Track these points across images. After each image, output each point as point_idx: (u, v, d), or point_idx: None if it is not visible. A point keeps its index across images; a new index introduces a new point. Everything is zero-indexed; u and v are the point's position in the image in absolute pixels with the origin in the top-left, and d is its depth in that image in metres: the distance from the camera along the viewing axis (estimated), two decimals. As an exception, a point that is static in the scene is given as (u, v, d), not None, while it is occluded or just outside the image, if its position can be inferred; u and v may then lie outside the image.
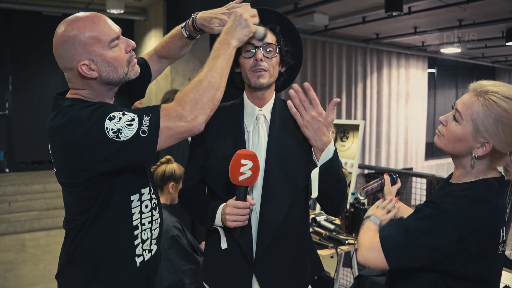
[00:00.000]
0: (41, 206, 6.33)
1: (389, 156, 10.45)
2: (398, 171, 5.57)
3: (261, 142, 1.60)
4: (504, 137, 1.23)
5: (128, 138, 1.23)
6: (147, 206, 1.50)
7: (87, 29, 1.30)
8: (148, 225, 1.50)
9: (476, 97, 1.25)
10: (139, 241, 1.46)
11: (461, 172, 1.35)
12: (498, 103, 1.22)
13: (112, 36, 1.33)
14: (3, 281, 4.23)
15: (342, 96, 9.43)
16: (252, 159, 1.44)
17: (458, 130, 1.28)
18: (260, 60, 1.54)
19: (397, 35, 8.74)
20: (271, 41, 1.57)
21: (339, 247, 2.74)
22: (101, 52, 1.31)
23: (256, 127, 1.62)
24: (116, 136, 1.22)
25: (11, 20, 7.25)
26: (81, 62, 1.30)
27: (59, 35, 1.31)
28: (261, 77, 1.56)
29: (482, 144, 1.26)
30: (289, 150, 1.59)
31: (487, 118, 1.23)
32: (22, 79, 7.40)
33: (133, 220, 1.44)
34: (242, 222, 1.50)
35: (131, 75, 1.40)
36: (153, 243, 1.55)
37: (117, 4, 6.46)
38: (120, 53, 1.35)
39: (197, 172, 1.69)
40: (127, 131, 1.23)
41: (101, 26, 1.32)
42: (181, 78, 6.69)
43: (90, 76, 1.32)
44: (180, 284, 2.59)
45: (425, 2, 6.10)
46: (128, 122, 1.24)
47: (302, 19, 6.85)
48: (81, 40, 1.29)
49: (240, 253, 1.57)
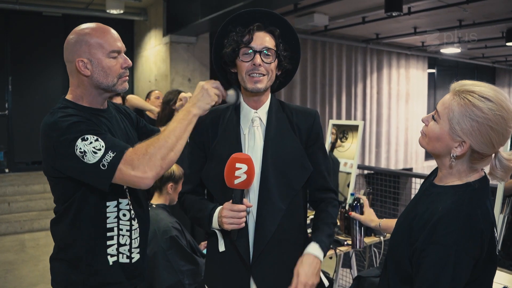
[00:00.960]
0: (41, 206, 6.33)
1: (389, 156, 10.45)
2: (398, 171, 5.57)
3: (257, 145, 1.60)
4: (480, 136, 1.22)
5: (90, 163, 1.39)
6: (125, 215, 1.62)
7: (96, 36, 1.54)
8: (126, 232, 1.63)
9: (454, 96, 1.25)
10: (113, 242, 1.60)
11: (444, 174, 1.34)
12: (473, 103, 1.21)
13: (113, 48, 1.55)
14: (3, 282, 4.23)
15: (342, 96, 9.43)
16: (246, 162, 1.44)
17: (436, 129, 1.29)
18: (258, 65, 1.54)
19: (397, 35, 8.74)
20: (270, 46, 1.56)
21: (338, 248, 2.74)
22: (100, 57, 1.53)
23: (251, 130, 1.62)
24: (82, 156, 1.39)
25: (11, 20, 7.25)
26: (80, 57, 1.52)
27: (77, 31, 1.55)
28: (258, 82, 1.55)
29: (460, 144, 1.25)
30: (285, 152, 1.59)
31: (462, 118, 1.22)
32: (22, 80, 7.40)
33: (107, 222, 1.58)
34: (239, 225, 1.49)
35: (119, 87, 1.59)
36: (135, 251, 1.67)
37: (117, 4, 6.46)
38: (116, 65, 1.56)
39: (196, 174, 1.69)
40: (91, 156, 1.39)
41: (108, 37, 1.55)
42: (181, 78, 6.68)
43: (83, 73, 1.53)
44: (179, 284, 2.59)
45: (425, 2, 6.10)
46: (95, 149, 1.40)
47: (302, 19, 6.85)
48: (89, 41, 1.53)
49: (237, 255, 1.57)
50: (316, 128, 1.67)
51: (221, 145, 1.61)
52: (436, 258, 1.20)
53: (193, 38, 6.73)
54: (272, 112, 1.64)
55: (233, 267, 1.60)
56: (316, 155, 1.67)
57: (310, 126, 1.66)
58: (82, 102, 1.57)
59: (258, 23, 1.58)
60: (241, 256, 1.56)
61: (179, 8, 6.38)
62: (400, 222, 1.42)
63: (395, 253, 1.37)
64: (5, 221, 5.87)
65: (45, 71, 7.53)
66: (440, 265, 1.19)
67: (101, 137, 1.42)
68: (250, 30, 1.56)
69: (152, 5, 7.15)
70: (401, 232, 1.36)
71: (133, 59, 8.00)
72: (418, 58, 11.05)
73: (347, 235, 2.93)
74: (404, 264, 1.32)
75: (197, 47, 6.80)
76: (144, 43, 7.61)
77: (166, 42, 6.71)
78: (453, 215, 1.22)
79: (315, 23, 6.83)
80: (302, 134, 1.65)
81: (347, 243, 2.79)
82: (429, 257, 1.21)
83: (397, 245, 1.37)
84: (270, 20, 1.60)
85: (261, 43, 1.55)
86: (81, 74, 1.54)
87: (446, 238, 1.19)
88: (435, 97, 12.20)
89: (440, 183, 1.36)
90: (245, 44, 1.55)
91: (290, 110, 1.67)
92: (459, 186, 1.29)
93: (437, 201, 1.29)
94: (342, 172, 3.77)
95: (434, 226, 1.23)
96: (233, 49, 1.57)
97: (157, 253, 2.60)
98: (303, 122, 1.66)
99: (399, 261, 1.35)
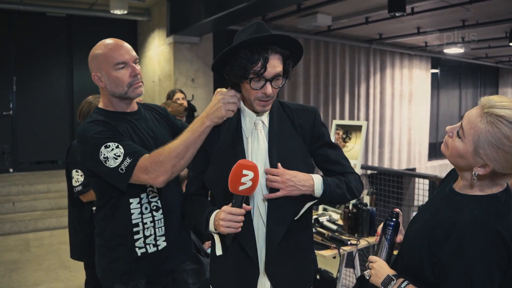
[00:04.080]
0: (45, 206, 6.35)
1: (392, 156, 10.44)
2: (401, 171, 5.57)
3: (261, 147, 1.60)
4: (504, 162, 1.19)
5: (111, 167, 1.61)
6: (147, 208, 1.79)
7: (104, 51, 1.72)
8: (150, 224, 1.79)
9: (481, 117, 1.20)
10: (140, 236, 1.78)
11: (465, 183, 1.32)
12: (501, 129, 1.17)
13: (118, 60, 1.71)
14: (8, 281, 4.26)
15: (345, 96, 9.43)
16: (253, 170, 1.44)
17: (460, 147, 1.25)
18: (269, 93, 1.51)
19: (400, 35, 8.74)
20: (279, 71, 1.51)
21: (341, 247, 2.74)
22: (107, 70, 1.72)
23: (254, 133, 1.61)
24: (105, 161, 1.62)
25: (15, 21, 7.27)
26: (94, 73, 1.75)
27: (94, 47, 1.75)
28: (267, 105, 1.56)
29: (482, 165, 1.22)
30: (289, 152, 1.59)
31: (488, 144, 1.18)
32: (26, 80, 7.43)
33: (132, 219, 1.76)
34: (236, 229, 1.49)
35: (132, 94, 1.76)
36: (160, 239, 1.82)
37: (121, 4, 6.48)
38: (123, 75, 1.72)
39: (198, 177, 1.69)
40: (112, 161, 1.62)
41: (113, 51, 1.71)
42: (184, 78, 6.70)
43: (99, 85, 1.76)
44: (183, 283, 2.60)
45: (428, 3, 6.10)
46: (115, 155, 1.62)
47: (305, 19, 6.85)
48: (98, 57, 1.73)
49: (245, 257, 1.58)
50: (318, 124, 1.67)
51: (224, 148, 1.61)
52: (464, 272, 1.18)
53: (196, 38, 6.74)
54: (273, 114, 1.63)
55: (241, 269, 1.60)
56: (324, 149, 1.67)
57: (312, 123, 1.66)
58: (110, 107, 1.79)
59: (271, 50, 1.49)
60: (249, 258, 1.57)
61: (183, 9, 6.39)
62: (417, 229, 1.39)
63: (412, 262, 1.35)
64: (9, 220, 5.90)
65: (49, 71, 7.56)
66: (469, 280, 1.17)
67: (121, 143, 1.64)
68: (264, 59, 1.48)
69: (156, 5, 7.17)
70: (420, 240, 1.33)
71: (136, 59, 8.03)
72: (421, 58, 11.04)
73: (350, 235, 2.94)
74: (422, 273, 1.30)
75: (200, 47, 6.81)
76: (148, 44, 7.63)
77: (170, 43, 6.73)
78: (480, 227, 1.19)
79: (318, 23, 6.83)
80: (305, 132, 1.65)
81: (350, 242, 2.80)
82: (457, 271, 1.19)
83: (414, 254, 1.34)
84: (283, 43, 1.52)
85: (272, 71, 1.49)
86: (100, 86, 1.76)
87: (474, 252, 1.17)
88: (438, 97, 12.19)
89: (461, 190, 1.33)
90: (257, 76, 1.48)
91: (289, 110, 1.67)
92: (483, 197, 1.26)
93: (459, 211, 1.27)
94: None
95: (459, 238, 1.20)
96: (242, 75, 1.51)
97: (161, 252, 2.61)
98: (305, 120, 1.66)
99: (416, 269, 1.33)
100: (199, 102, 6.48)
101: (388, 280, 1.34)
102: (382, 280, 1.36)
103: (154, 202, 1.82)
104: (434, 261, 1.26)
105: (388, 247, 1.47)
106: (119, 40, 1.77)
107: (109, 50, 1.72)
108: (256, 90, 1.51)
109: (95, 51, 1.75)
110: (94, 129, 1.67)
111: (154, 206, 1.82)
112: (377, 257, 1.45)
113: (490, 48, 9.94)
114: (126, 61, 1.73)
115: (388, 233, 1.47)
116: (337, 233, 2.92)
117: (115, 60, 1.71)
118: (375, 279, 1.38)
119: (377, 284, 1.38)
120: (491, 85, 13.80)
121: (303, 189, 1.53)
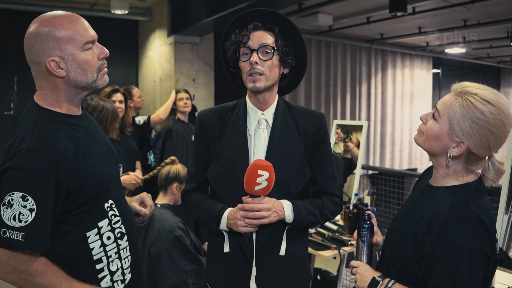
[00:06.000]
0: (46, 206, 6.36)
1: (393, 156, 10.43)
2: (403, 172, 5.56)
3: (261, 147, 1.60)
4: (479, 139, 1.24)
5: (1, 218, 1.21)
6: (109, 237, 1.43)
7: (63, 27, 1.29)
8: (115, 256, 1.44)
9: (455, 97, 1.28)
10: (105, 273, 1.42)
11: (441, 174, 1.35)
12: (475, 105, 1.23)
13: (87, 38, 1.32)
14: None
15: (347, 97, 9.41)
16: (268, 170, 1.44)
17: (436, 128, 1.30)
18: (255, 63, 1.53)
19: (402, 35, 8.72)
20: (268, 42, 1.55)
21: (342, 248, 2.74)
22: (73, 52, 1.30)
23: (258, 131, 1.61)
24: (4, 204, 1.21)
25: (16, 21, 7.27)
26: (50, 57, 1.28)
27: (34, 28, 1.30)
28: (256, 81, 1.55)
29: (457, 144, 1.27)
30: (287, 156, 1.60)
31: (463, 119, 1.24)
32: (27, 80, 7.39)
33: (93, 255, 1.39)
34: (254, 228, 1.50)
35: (100, 83, 1.39)
36: (127, 272, 1.49)
37: (122, 4, 6.48)
38: (93, 57, 1.35)
39: (200, 172, 1.69)
40: (9, 215, 1.21)
41: (78, 26, 1.31)
42: (185, 78, 6.69)
43: (57, 74, 1.30)
44: (183, 284, 2.60)
45: (429, 3, 6.08)
46: (20, 215, 1.21)
47: (306, 19, 6.85)
48: (56, 36, 1.28)
49: (240, 255, 1.58)
50: (322, 132, 1.67)
51: (227, 145, 1.62)
52: (450, 259, 1.21)
53: (197, 38, 6.74)
54: (278, 114, 1.63)
55: (235, 267, 1.61)
56: (320, 159, 1.67)
57: (316, 129, 1.65)
58: (59, 108, 1.36)
59: (255, 22, 1.58)
60: (245, 256, 1.57)
61: (184, 8, 6.39)
62: (398, 228, 1.41)
63: (397, 260, 1.36)
64: (10, 220, 5.90)
65: (50, 71, 7.56)
66: (456, 266, 1.20)
67: (38, 211, 1.22)
68: (247, 29, 1.57)
69: (157, 5, 7.16)
70: (403, 237, 1.35)
71: (137, 59, 8.02)
72: (422, 58, 11.02)
73: (351, 235, 2.93)
74: (409, 270, 1.31)
75: (201, 47, 6.81)
76: (149, 43, 7.63)
77: (171, 42, 6.73)
78: (460, 215, 1.23)
79: (319, 23, 6.82)
80: (308, 137, 1.64)
81: (350, 243, 2.79)
82: (443, 259, 1.22)
83: (399, 252, 1.36)
84: (270, 19, 1.60)
85: (258, 41, 1.55)
86: (54, 76, 1.31)
87: (458, 238, 1.20)
88: (439, 97, 12.13)
89: (437, 184, 1.37)
90: (243, 44, 1.56)
91: (297, 113, 1.67)
92: (458, 186, 1.31)
93: (438, 202, 1.30)
94: (346, 172, 3.77)
95: (441, 227, 1.23)
96: (233, 50, 1.58)
97: (161, 252, 2.62)
98: (310, 125, 1.65)
99: (402, 268, 1.34)
100: (200, 102, 6.48)
101: (374, 282, 1.35)
102: (368, 283, 1.36)
103: (118, 228, 1.45)
104: (420, 254, 1.28)
105: (366, 249, 1.49)
106: (73, 14, 1.35)
107: (71, 25, 1.30)
108: (245, 63, 1.56)
109: (49, 29, 1.27)
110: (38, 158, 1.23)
111: (119, 233, 1.46)
112: (359, 261, 1.46)
113: (492, 48, 9.91)
114: (94, 39, 1.35)
115: (364, 235, 1.49)
116: (337, 234, 2.91)
117: (84, 38, 1.31)
118: (361, 283, 1.39)
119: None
120: (492, 85, 13.37)
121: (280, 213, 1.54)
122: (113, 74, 2.27)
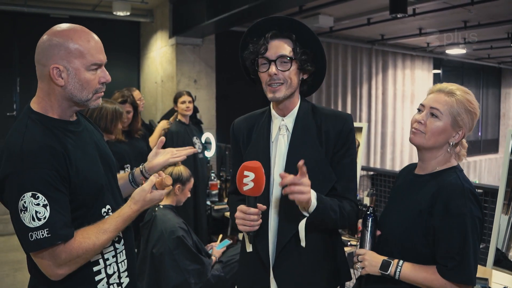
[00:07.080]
0: (49, 206, 6.39)
1: (394, 157, 10.45)
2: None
3: (281, 152, 1.62)
4: (471, 123, 1.53)
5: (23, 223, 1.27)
6: None
7: (78, 42, 1.35)
8: (112, 259, 1.48)
9: (449, 97, 1.53)
10: (102, 276, 1.44)
11: (431, 164, 1.57)
12: (467, 98, 1.53)
13: (96, 61, 1.38)
14: (12, 280, 4.29)
15: (348, 97, 9.44)
16: (254, 170, 1.45)
17: (440, 124, 1.52)
18: (274, 74, 1.53)
19: (402, 36, 8.74)
20: (285, 53, 1.55)
21: (342, 248, 2.76)
22: (79, 67, 1.36)
23: (278, 137, 1.63)
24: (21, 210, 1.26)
25: (19, 22, 7.31)
26: (56, 64, 1.34)
27: (54, 32, 1.36)
28: (276, 91, 1.56)
29: (457, 132, 1.53)
30: (307, 162, 1.49)
31: (461, 110, 1.51)
32: (30, 81, 7.44)
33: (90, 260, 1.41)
34: (250, 227, 1.52)
35: (92, 104, 1.43)
36: (123, 276, 1.52)
37: (124, 6, 6.51)
38: (94, 79, 1.39)
39: None
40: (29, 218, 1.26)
41: (92, 46, 1.38)
42: (187, 80, 6.73)
43: (56, 81, 1.35)
44: (185, 283, 2.64)
45: (429, 4, 6.11)
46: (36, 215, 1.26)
47: (307, 20, 6.87)
48: (69, 47, 1.34)
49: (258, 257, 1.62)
50: (345, 134, 1.62)
51: (252, 151, 1.66)
52: (456, 227, 1.42)
53: (199, 40, 6.77)
54: (299, 119, 1.63)
55: (255, 268, 1.65)
56: (339, 163, 1.63)
57: (339, 131, 1.62)
58: (51, 113, 1.40)
59: (273, 31, 1.56)
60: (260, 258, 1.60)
61: (185, 10, 6.42)
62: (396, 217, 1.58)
63: (406, 242, 1.52)
64: (13, 221, 5.93)
65: (52, 73, 7.59)
66: (462, 232, 1.42)
67: (51, 204, 1.26)
68: (265, 39, 1.55)
69: (158, 6, 7.20)
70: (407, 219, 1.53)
71: (139, 61, 8.06)
72: (423, 59, 11.04)
73: (351, 236, 2.96)
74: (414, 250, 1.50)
75: (203, 49, 6.84)
76: (150, 45, 7.66)
77: (172, 44, 6.76)
78: (459, 190, 1.46)
79: (320, 24, 6.84)
80: (329, 140, 1.61)
81: (350, 243, 2.82)
82: (450, 228, 1.43)
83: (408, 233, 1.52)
84: (286, 25, 1.58)
85: (276, 51, 1.54)
86: (53, 82, 1.36)
87: (460, 209, 1.43)
88: (440, 98, 12.16)
89: (425, 172, 1.59)
90: (261, 55, 1.55)
91: (320, 116, 1.65)
92: (448, 169, 1.55)
93: (434, 184, 1.51)
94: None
95: (444, 202, 1.45)
96: (251, 61, 1.59)
97: (164, 252, 2.65)
98: (332, 128, 1.62)
99: (408, 250, 1.51)
100: (201, 104, 6.51)
101: (386, 263, 1.50)
102: (379, 266, 1.50)
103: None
104: (426, 230, 1.48)
105: (370, 237, 1.58)
106: (93, 33, 1.41)
107: (86, 42, 1.36)
108: (264, 74, 1.57)
109: (64, 38, 1.34)
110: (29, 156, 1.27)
111: (116, 237, 1.48)
112: (364, 249, 1.58)
113: (492, 49, 9.92)
114: (102, 63, 1.41)
115: (369, 225, 1.59)
116: (338, 234, 2.94)
117: (92, 58, 1.37)
118: (371, 268, 1.52)
119: (374, 272, 1.52)
120: (493, 86, 13.76)
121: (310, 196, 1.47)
122: (115, 75, 2.28)
